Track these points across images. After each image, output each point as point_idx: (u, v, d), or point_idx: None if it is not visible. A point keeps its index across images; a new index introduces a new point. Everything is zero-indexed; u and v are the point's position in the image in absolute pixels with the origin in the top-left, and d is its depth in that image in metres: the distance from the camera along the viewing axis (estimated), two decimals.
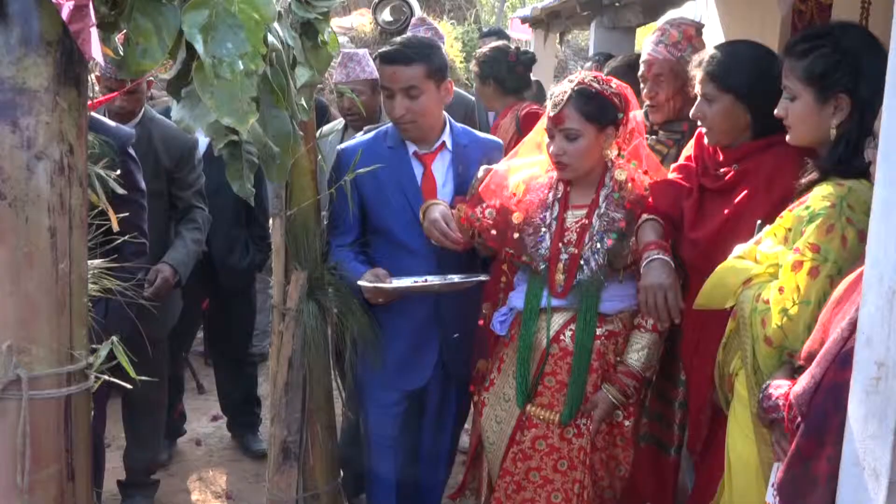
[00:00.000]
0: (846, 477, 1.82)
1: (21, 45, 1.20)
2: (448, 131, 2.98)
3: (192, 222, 3.77)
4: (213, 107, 1.37)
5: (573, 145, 2.54)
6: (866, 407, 1.75)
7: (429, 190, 2.92)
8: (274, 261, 2.89)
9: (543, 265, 2.62)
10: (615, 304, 2.63)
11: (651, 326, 2.61)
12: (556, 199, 2.68)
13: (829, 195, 2.03)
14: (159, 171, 3.63)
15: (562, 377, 2.62)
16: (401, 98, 2.79)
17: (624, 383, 2.61)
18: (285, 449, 2.79)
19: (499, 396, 2.76)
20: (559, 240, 2.63)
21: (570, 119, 2.51)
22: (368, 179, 2.86)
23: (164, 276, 3.46)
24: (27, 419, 1.25)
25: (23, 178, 1.24)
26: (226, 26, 1.33)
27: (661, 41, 3.18)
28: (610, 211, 2.60)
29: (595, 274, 2.56)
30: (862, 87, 2.06)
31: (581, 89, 2.52)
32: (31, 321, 1.27)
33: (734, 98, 2.51)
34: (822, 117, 2.13)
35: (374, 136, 3.02)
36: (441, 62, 2.87)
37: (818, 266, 1.99)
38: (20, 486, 1.25)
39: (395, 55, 2.78)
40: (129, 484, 3.99)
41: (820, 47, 2.12)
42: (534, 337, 2.64)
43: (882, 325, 1.69)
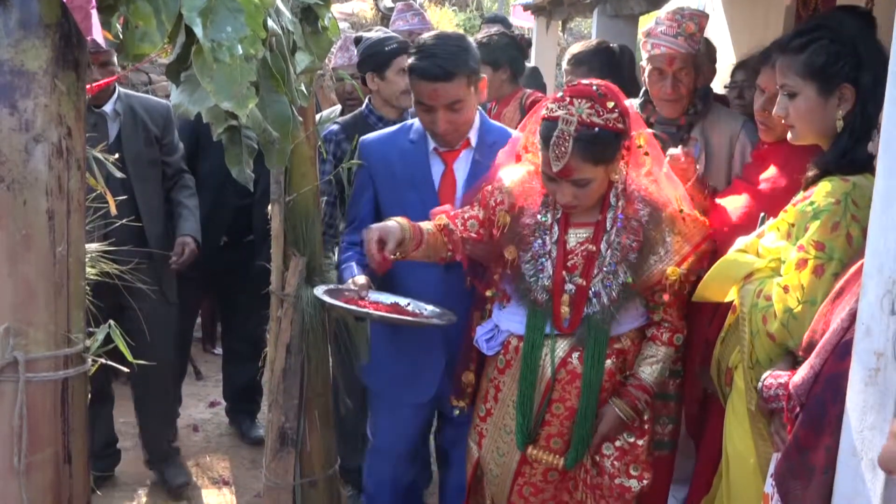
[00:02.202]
0: (844, 467, 1.83)
1: (20, 27, 1.20)
2: (476, 128, 2.77)
3: (186, 188, 3.95)
4: (213, 91, 1.37)
5: (584, 190, 2.29)
6: (865, 397, 1.76)
7: (447, 190, 2.74)
8: (273, 247, 2.89)
9: (546, 296, 2.36)
10: (624, 327, 2.41)
11: (667, 339, 2.42)
12: (555, 219, 2.41)
13: (834, 191, 2.02)
14: (151, 140, 3.79)
15: (571, 403, 2.38)
16: (444, 112, 2.60)
17: (634, 396, 2.39)
18: (282, 435, 2.80)
19: (499, 428, 2.53)
20: (562, 267, 2.37)
21: (579, 170, 2.23)
22: (384, 174, 2.78)
23: (191, 247, 3.75)
24: (24, 402, 1.26)
25: (21, 160, 1.24)
26: (225, 10, 1.33)
27: (680, 34, 3.07)
28: (621, 238, 2.32)
29: (607, 309, 2.31)
30: (864, 75, 2.04)
31: (582, 134, 2.20)
32: (28, 304, 1.28)
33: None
34: (828, 111, 2.10)
35: (397, 129, 2.88)
36: (476, 64, 2.66)
37: (823, 264, 1.98)
38: (17, 468, 1.25)
39: (434, 72, 2.55)
40: (155, 460, 4.10)
41: (818, 39, 2.09)
42: (538, 367, 2.39)
43: (881, 315, 1.70)
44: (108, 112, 3.73)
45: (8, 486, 1.27)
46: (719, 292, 2.23)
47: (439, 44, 2.61)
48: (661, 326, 2.42)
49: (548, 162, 2.24)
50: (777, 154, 2.56)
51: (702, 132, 3.14)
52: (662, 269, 2.32)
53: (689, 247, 2.37)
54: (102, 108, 3.72)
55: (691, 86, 3.11)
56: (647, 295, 2.38)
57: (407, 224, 2.42)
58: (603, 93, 2.25)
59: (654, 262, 2.33)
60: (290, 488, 2.91)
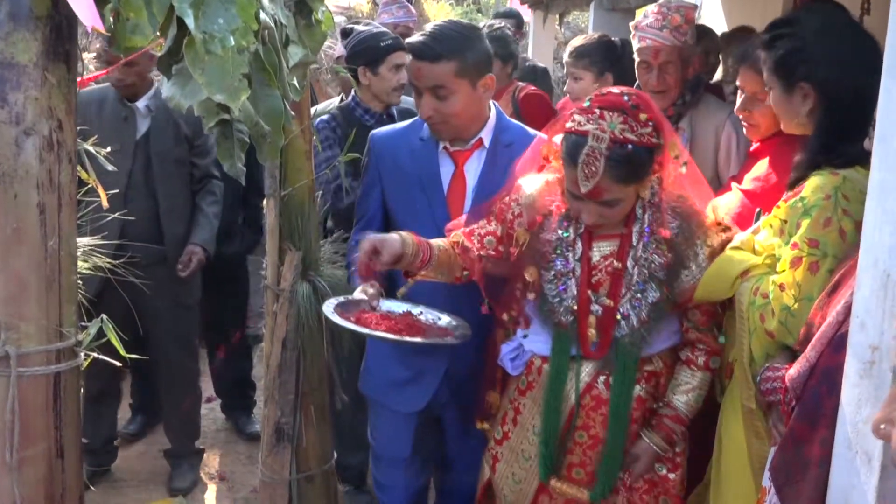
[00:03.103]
0: (839, 460, 1.83)
1: (9, 19, 1.20)
2: (490, 128, 2.58)
3: (210, 195, 3.93)
4: (204, 83, 1.36)
5: (611, 210, 2.11)
6: (860, 391, 1.76)
7: (457, 192, 2.57)
8: (268, 241, 2.89)
9: (570, 318, 2.18)
10: (655, 347, 2.22)
11: (703, 363, 2.22)
12: (577, 234, 2.21)
13: (824, 186, 2.00)
14: (181, 139, 3.79)
15: (595, 431, 2.21)
16: (428, 97, 2.44)
17: (669, 429, 2.21)
18: (279, 430, 2.81)
19: (516, 453, 2.36)
20: (587, 286, 2.18)
21: (609, 191, 2.05)
22: (393, 173, 2.64)
23: (199, 257, 3.76)
24: (16, 396, 1.26)
25: (11, 154, 1.24)
26: (217, 1, 1.32)
27: (665, 26, 3.10)
28: (649, 253, 2.14)
29: (636, 331, 2.14)
30: (820, 74, 2.03)
31: (615, 152, 2.01)
32: (19, 298, 1.28)
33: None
34: (792, 107, 2.12)
35: (410, 124, 2.70)
36: (478, 56, 2.46)
37: (817, 261, 1.98)
38: (9, 462, 1.25)
39: (421, 49, 2.42)
40: (175, 454, 4.14)
41: (784, 36, 2.10)
42: (563, 392, 2.22)
43: (876, 309, 1.70)
44: (140, 108, 3.73)
45: (0, 480, 1.26)
46: (717, 291, 2.22)
47: (442, 26, 2.49)
48: (696, 348, 2.23)
49: (575, 181, 2.06)
50: (766, 152, 2.56)
51: (690, 122, 3.17)
52: (695, 285, 2.14)
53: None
54: (135, 104, 3.73)
55: (679, 77, 3.14)
56: (679, 313, 2.22)
57: (411, 240, 2.24)
58: (635, 104, 2.06)
59: (686, 277, 2.15)
60: (287, 483, 2.92)
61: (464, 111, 2.48)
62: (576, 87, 3.88)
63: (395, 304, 2.46)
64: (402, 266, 2.26)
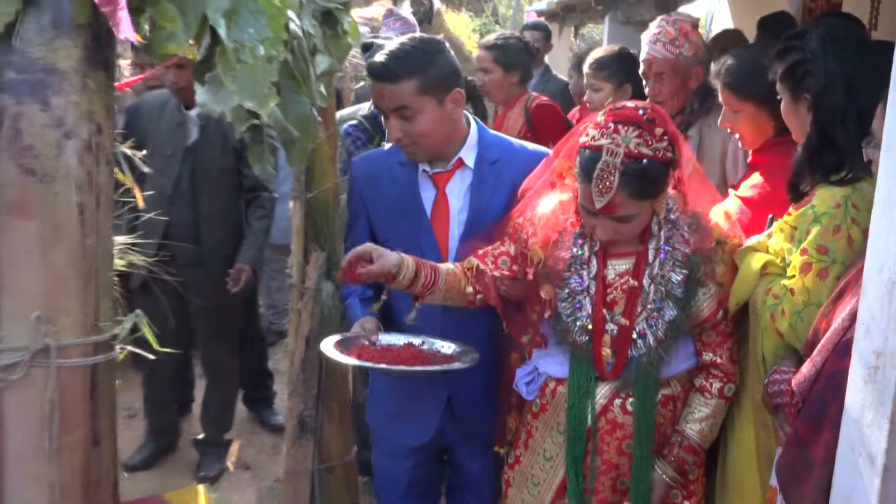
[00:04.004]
0: (843, 462, 1.82)
1: (52, 27, 1.21)
2: (470, 145, 2.38)
3: (260, 209, 3.99)
4: (236, 90, 1.37)
5: (626, 226, 2.00)
6: (864, 395, 1.74)
7: (440, 216, 2.38)
8: (294, 242, 2.90)
9: (586, 338, 2.06)
10: (673, 368, 2.10)
11: (717, 391, 2.09)
12: (592, 252, 2.09)
13: (834, 195, 1.99)
14: (228, 149, 3.83)
15: (609, 456, 2.09)
16: (394, 119, 2.24)
17: (683, 460, 2.08)
18: (302, 422, 2.82)
19: (526, 478, 2.23)
20: (602, 304, 2.06)
21: (624, 206, 1.94)
22: (376, 200, 2.45)
23: (248, 275, 3.88)
24: (55, 386, 1.26)
25: (52, 155, 1.24)
26: (248, 12, 1.33)
27: (659, 39, 3.16)
28: (666, 271, 2.02)
29: (653, 350, 2.01)
30: (816, 85, 2.02)
31: (630, 167, 1.90)
32: (58, 293, 1.28)
33: (755, 105, 2.48)
34: (800, 116, 2.11)
35: (390, 148, 2.47)
36: (442, 72, 2.25)
37: (826, 268, 1.97)
38: (48, 449, 1.26)
39: (380, 70, 2.21)
40: (205, 443, 4.21)
41: (793, 49, 2.10)
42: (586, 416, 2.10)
43: (881, 316, 1.68)
44: (193, 116, 3.77)
45: (39, 467, 1.28)
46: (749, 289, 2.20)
47: (401, 43, 2.27)
48: (711, 374, 2.11)
49: (589, 197, 1.95)
50: (760, 161, 2.57)
51: (698, 131, 3.19)
52: (711, 305, 2.05)
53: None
54: (189, 111, 3.77)
55: (675, 88, 3.18)
56: (695, 334, 2.10)
57: (411, 264, 2.09)
58: (651, 118, 1.95)
59: (703, 296, 2.04)
60: (309, 473, 2.93)
61: (433, 130, 2.27)
62: (595, 97, 3.87)
63: (395, 336, 2.34)
64: (398, 288, 2.12)
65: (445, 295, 2.17)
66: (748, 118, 2.51)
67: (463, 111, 2.37)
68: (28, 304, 1.25)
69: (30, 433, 1.26)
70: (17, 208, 1.23)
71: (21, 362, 1.24)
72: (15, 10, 1.16)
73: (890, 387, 1.66)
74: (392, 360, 2.19)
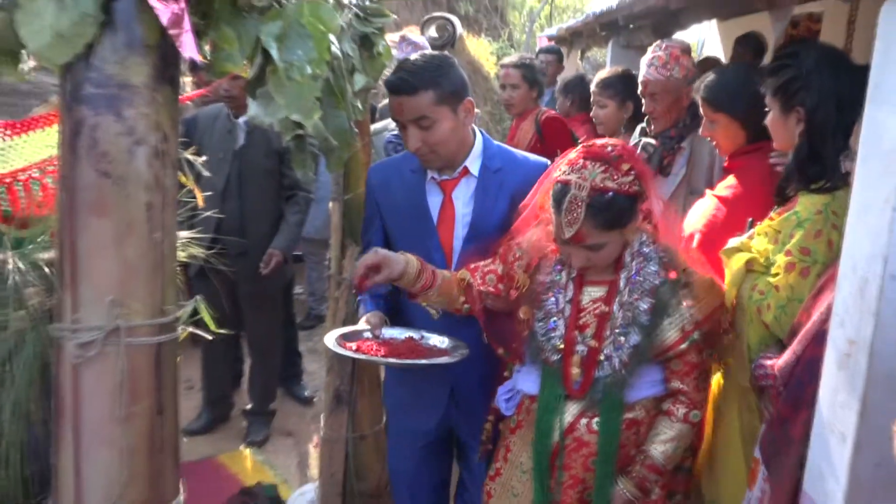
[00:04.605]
0: (818, 439, 1.80)
1: (125, 47, 1.21)
2: (475, 155, 2.32)
3: (295, 205, 4.03)
4: (284, 104, 1.37)
5: (598, 254, 1.94)
6: (837, 379, 1.73)
7: (446, 221, 2.32)
8: (332, 237, 2.91)
9: (557, 356, 1.99)
10: (638, 393, 2.00)
11: (682, 416, 1.99)
12: (569, 278, 2.03)
13: (816, 203, 1.99)
14: (271, 152, 3.89)
15: (575, 472, 1.99)
16: (413, 129, 2.19)
17: (644, 477, 1.97)
18: (338, 396, 2.82)
19: (506, 489, 2.14)
20: (574, 326, 1.99)
21: (591, 236, 1.89)
22: (389, 204, 2.40)
23: (277, 259, 3.92)
24: (125, 362, 1.27)
25: (125, 160, 1.25)
26: (296, 36, 1.33)
27: (653, 64, 3.19)
28: (633, 299, 1.94)
29: (618, 372, 1.93)
30: (810, 101, 2.00)
31: (595, 200, 1.85)
32: (129, 281, 1.28)
33: (727, 116, 2.51)
34: (788, 127, 2.09)
35: (403, 156, 2.43)
36: (454, 83, 2.20)
37: (808, 267, 1.96)
38: (118, 417, 1.27)
39: (398, 84, 2.16)
40: (253, 412, 4.26)
41: (785, 66, 2.08)
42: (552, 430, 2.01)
43: (854, 309, 1.67)
44: (240, 123, 3.83)
45: (111, 432, 1.28)
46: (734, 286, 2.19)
47: (414, 60, 2.21)
48: (678, 400, 2.00)
49: (560, 227, 1.90)
50: (734, 165, 2.58)
51: (690, 143, 3.21)
52: (676, 334, 1.96)
53: (702, 315, 1.99)
54: (238, 119, 3.82)
55: (668, 106, 3.21)
56: (663, 362, 2.01)
57: (415, 262, 2.07)
58: (618, 154, 1.90)
59: (668, 324, 1.95)
60: (344, 440, 2.93)
61: (450, 138, 2.22)
62: (601, 113, 3.86)
63: (398, 330, 2.30)
64: (402, 285, 2.09)
65: (438, 298, 2.12)
66: (722, 127, 2.54)
67: (472, 121, 2.32)
68: (103, 290, 1.26)
69: (103, 403, 1.27)
70: (95, 207, 1.24)
71: (96, 341, 1.25)
72: (93, 32, 1.16)
73: (861, 372, 1.64)
74: (389, 352, 2.14)
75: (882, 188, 1.59)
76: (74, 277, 1.25)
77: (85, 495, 1.28)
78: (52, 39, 1.13)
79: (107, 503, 1.28)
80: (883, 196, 1.59)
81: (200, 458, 3.99)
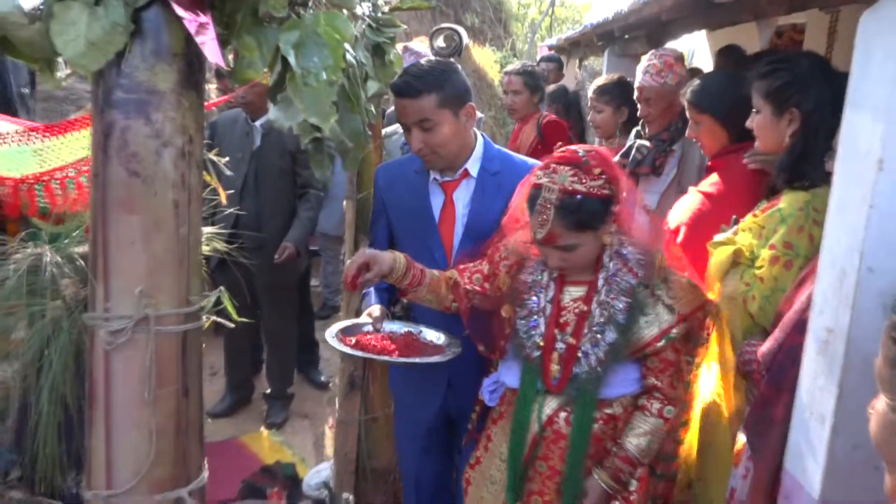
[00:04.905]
0: (798, 421, 1.80)
1: (153, 55, 1.21)
2: (475, 157, 2.28)
3: (307, 202, 4.05)
4: (302, 108, 1.37)
5: (572, 254, 1.88)
6: (817, 365, 1.72)
7: (447, 220, 2.29)
8: (346, 232, 2.91)
9: (537, 353, 1.93)
10: (616, 390, 1.93)
11: (656, 411, 1.93)
12: (551, 278, 1.97)
13: (798, 200, 1.99)
14: (285, 153, 3.93)
15: (553, 463, 1.94)
16: (416, 131, 2.17)
17: (618, 468, 1.91)
18: (351, 381, 2.82)
19: (485, 477, 2.09)
20: (554, 325, 1.93)
21: (562, 237, 1.84)
22: (393, 203, 2.37)
23: (290, 251, 3.94)
24: (153, 348, 1.27)
25: (153, 161, 1.25)
26: (313, 44, 1.33)
27: (648, 71, 3.20)
28: (611, 298, 1.88)
29: (594, 369, 1.88)
30: (808, 104, 2.00)
31: (564, 202, 1.80)
32: (157, 273, 1.29)
33: (711, 118, 2.52)
34: (779, 128, 2.08)
35: (409, 158, 2.39)
36: (456, 88, 2.17)
37: (791, 260, 1.96)
38: (147, 399, 1.28)
39: (402, 87, 2.15)
40: (272, 396, 4.29)
41: (778, 70, 2.08)
42: (528, 422, 1.96)
43: (833, 299, 1.66)
44: (257, 126, 3.88)
45: (140, 413, 1.29)
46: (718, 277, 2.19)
47: (419, 65, 2.20)
48: (653, 396, 1.94)
49: (533, 227, 1.87)
50: (716, 165, 2.59)
51: (681, 145, 3.22)
52: (652, 332, 1.89)
53: (681, 313, 1.91)
54: (255, 122, 3.86)
55: (661, 110, 3.22)
56: (638, 359, 1.94)
57: (403, 261, 2.02)
58: (590, 159, 1.83)
59: (644, 323, 1.89)
60: (357, 422, 2.94)
61: (451, 140, 2.19)
62: (598, 117, 3.86)
63: (398, 325, 2.25)
64: (390, 281, 2.04)
65: (427, 295, 2.08)
66: (707, 128, 2.56)
67: (473, 125, 2.28)
68: (132, 281, 1.26)
69: (132, 386, 1.28)
70: (124, 204, 1.24)
71: (126, 328, 1.25)
72: (123, 41, 1.16)
73: (838, 358, 1.64)
74: (385, 347, 2.09)
75: (859, 187, 1.59)
76: (106, 270, 1.26)
77: (115, 473, 1.28)
78: (85, 48, 1.13)
79: (135, 480, 1.28)
80: (860, 195, 1.58)
81: (223, 439, 4.01)
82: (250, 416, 4.32)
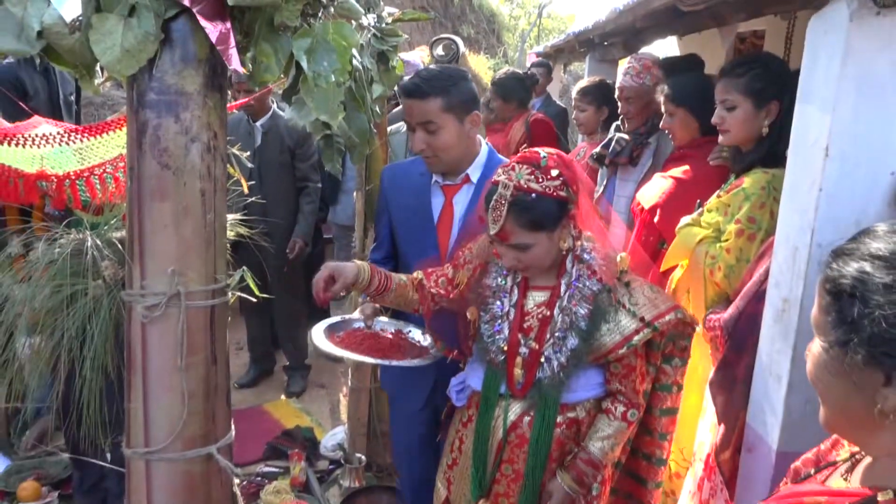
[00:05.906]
0: (758, 380, 1.82)
1: (181, 61, 1.22)
2: (478, 164, 2.16)
3: (308, 196, 4.09)
4: (313, 108, 1.38)
5: (526, 255, 1.70)
6: (774, 330, 1.74)
7: (445, 222, 2.18)
8: (356, 222, 2.92)
9: (501, 357, 1.78)
10: (579, 394, 1.80)
11: (620, 415, 1.79)
12: (514, 283, 1.81)
13: (760, 180, 2.04)
14: (285, 149, 3.97)
15: (518, 466, 1.80)
16: (420, 132, 2.07)
17: (581, 471, 1.76)
18: None
19: (465, 477, 1.91)
20: (518, 329, 1.77)
21: (515, 235, 1.67)
22: (396, 202, 2.26)
23: (300, 245, 4.03)
24: (184, 321, 1.28)
25: (182, 154, 1.26)
26: (323, 50, 1.34)
27: (628, 73, 3.22)
28: (573, 304, 1.72)
29: (556, 374, 1.73)
30: (786, 96, 2.03)
31: (518, 199, 1.64)
32: (187, 255, 1.30)
33: (686, 111, 2.53)
34: (758, 121, 2.10)
35: (413, 160, 2.28)
36: (463, 95, 2.06)
37: (754, 233, 2.00)
38: (179, 366, 1.29)
39: (411, 89, 2.05)
40: (291, 368, 4.33)
41: (755, 69, 2.09)
42: (491, 425, 1.81)
43: (788, 272, 1.68)
44: (258, 126, 3.91)
45: (173, 379, 1.30)
46: (680, 255, 2.22)
47: (430, 69, 2.10)
48: (616, 400, 1.80)
49: (488, 224, 1.70)
50: (686, 155, 2.62)
51: (657, 139, 3.23)
52: (614, 338, 1.73)
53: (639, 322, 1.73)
54: (256, 122, 3.89)
55: (640, 108, 3.23)
56: (601, 364, 1.79)
57: (367, 269, 1.86)
58: (549, 161, 1.68)
59: (606, 330, 1.72)
60: (368, 390, 2.96)
61: (453, 145, 2.08)
62: (581, 116, 3.87)
63: (389, 322, 2.12)
64: (357, 290, 1.88)
65: (395, 299, 1.92)
66: (680, 120, 2.58)
67: (478, 133, 2.18)
68: (165, 262, 1.27)
69: (166, 355, 1.29)
70: (157, 193, 1.25)
71: (160, 304, 1.26)
72: (155, 48, 1.17)
73: (793, 324, 1.66)
74: (371, 346, 2.00)
75: (809, 173, 1.60)
76: (142, 252, 1.27)
77: (152, 432, 1.30)
78: (120, 55, 1.14)
79: (170, 438, 1.30)
80: (810, 179, 1.59)
81: (248, 406, 4.04)
82: (272, 386, 4.34)
